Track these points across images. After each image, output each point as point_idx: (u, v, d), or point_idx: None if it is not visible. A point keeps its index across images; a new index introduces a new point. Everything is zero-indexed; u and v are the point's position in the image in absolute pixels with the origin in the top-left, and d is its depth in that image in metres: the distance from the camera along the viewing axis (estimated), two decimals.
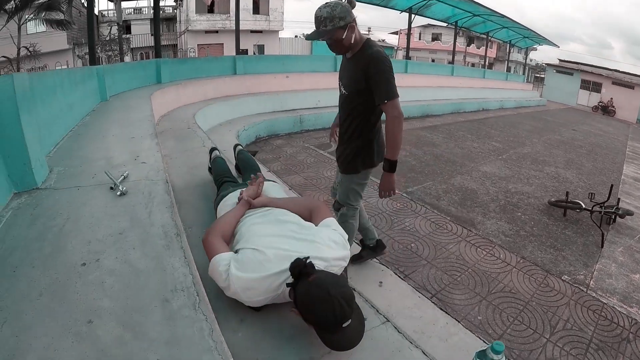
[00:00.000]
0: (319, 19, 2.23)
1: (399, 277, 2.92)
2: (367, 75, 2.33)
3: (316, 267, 1.58)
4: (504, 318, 3.03)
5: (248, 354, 1.47)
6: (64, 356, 1.08)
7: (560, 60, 32.70)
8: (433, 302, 2.76)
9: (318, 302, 1.42)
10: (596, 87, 29.06)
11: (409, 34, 16.20)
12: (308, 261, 1.54)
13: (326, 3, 2.24)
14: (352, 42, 2.33)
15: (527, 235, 4.64)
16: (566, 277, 3.76)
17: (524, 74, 30.21)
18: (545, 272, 3.78)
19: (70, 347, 1.11)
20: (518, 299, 3.29)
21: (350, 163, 2.68)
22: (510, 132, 11.97)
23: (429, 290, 3.26)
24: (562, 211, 5.47)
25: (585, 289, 3.59)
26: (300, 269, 1.51)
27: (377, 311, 1.87)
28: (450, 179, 6.58)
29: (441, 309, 2.64)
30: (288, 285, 1.56)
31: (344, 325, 1.43)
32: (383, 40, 44.09)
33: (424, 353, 1.65)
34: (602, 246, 4.56)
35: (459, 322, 2.55)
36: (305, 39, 2.54)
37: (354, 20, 2.28)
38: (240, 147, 3.58)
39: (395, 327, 1.78)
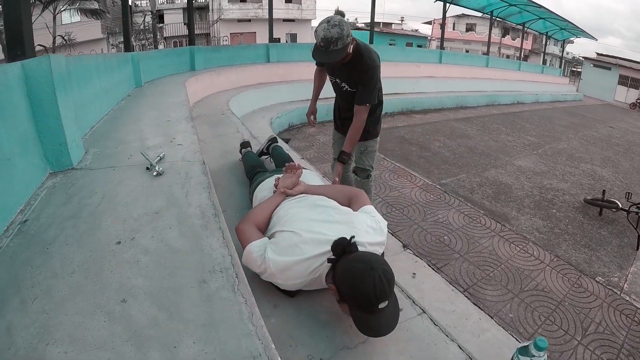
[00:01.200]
0: (329, 40, 2.31)
1: (433, 269, 2.87)
2: (362, 79, 2.66)
3: None
4: (535, 317, 2.96)
5: (281, 340, 1.44)
6: (95, 335, 1.05)
7: (598, 54, 31.57)
8: (466, 297, 2.70)
9: (359, 275, 1.38)
10: (635, 83, 27.79)
11: (443, 24, 15.95)
12: (353, 241, 1.51)
13: (330, 22, 2.30)
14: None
15: (561, 233, 4.52)
16: (600, 278, 3.64)
17: (560, 67, 29.27)
18: (579, 272, 3.67)
19: (102, 326, 1.09)
20: (550, 298, 3.20)
21: (371, 130, 2.97)
22: (546, 127, 11.66)
23: (461, 284, 3.21)
24: (598, 210, 5.30)
25: (619, 292, 3.47)
26: (344, 247, 1.49)
27: (414, 302, 1.82)
28: (484, 172, 6.47)
29: (474, 304, 2.58)
30: (329, 260, 1.53)
31: (381, 306, 1.38)
32: (416, 30, 43.44)
33: (460, 347, 1.61)
34: (637, 248, 4.41)
35: (491, 318, 2.48)
36: (315, 59, 2.54)
37: None
38: (275, 144, 3.52)
39: (432, 319, 1.73)
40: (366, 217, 1.83)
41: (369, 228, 1.76)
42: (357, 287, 1.38)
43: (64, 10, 19.65)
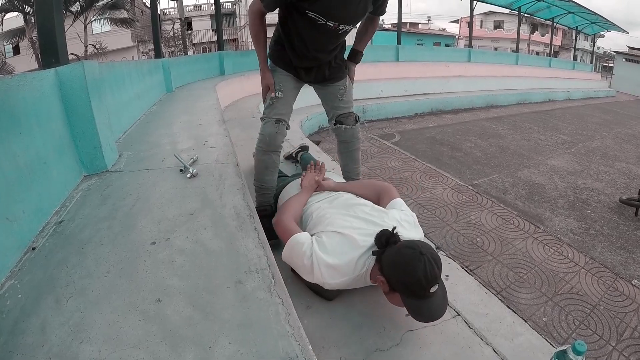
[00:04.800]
0: None
1: (466, 271, 2.82)
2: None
3: None
4: (569, 321, 2.86)
5: (313, 342, 1.42)
6: (129, 334, 1.06)
7: (630, 47, 30.57)
8: (499, 299, 2.65)
9: (410, 262, 1.40)
10: None
11: (471, 22, 15.82)
12: (395, 231, 1.53)
13: None
14: None
15: (596, 235, 4.38)
16: (636, 281, 3.49)
17: (591, 62, 28.59)
18: (614, 275, 3.52)
19: (137, 325, 1.09)
20: (585, 302, 3.09)
21: (342, 65, 2.47)
22: (579, 125, 11.37)
23: (494, 286, 3.13)
24: (634, 210, 5.11)
25: None
26: (388, 237, 1.50)
27: (448, 304, 1.79)
28: (517, 172, 6.34)
29: (508, 307, 2.53)
30: (374, 253, 1.54)
31: (432, 290, 1.40)
32: (443, 29, 43.07)
33: (495, 351, 1.58)
34: None
35: (525, 321, 2.43)
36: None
37: None
38: (305, 152, 3.55)
39: (466, 322, 1.72)
40: (399, 213, 1.83)
41: (404, 222, 1.76)
42: (409, 273, 1.40)
43: (95, 20, 20.21)
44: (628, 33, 25.57)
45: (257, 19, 2.16)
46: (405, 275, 1.41)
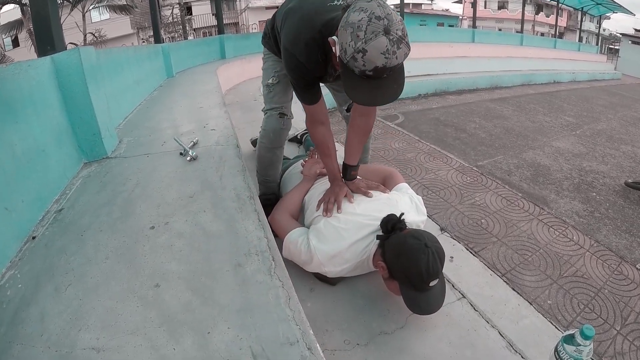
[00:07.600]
0: (394, 67, 1.27)
1: (470, 252, 2.80)
2: None
3: None
4: (574, 304, 2.84)
5: (317, 325, 1.43)
6: (127, 321, 1.05)
7: (636, 30, 30.18)
8: (504, 281, 2.63)
9: (413, 252, 1.37)
10: None
11: (475, 2, 15.63)
12: (402, 218, 1.50)
13: (391, 31, 1.21)
14: None
15: (601, 218, 4.33)
16: None
17: (597, 44, 28.20)
18: (619, 259, 3.48)
19: (135, 311, 1.08)
20: (590, 285, 3.06)
21: None
22: (584, 107, 11.23)
23: (499, 269, 3.11)
24: (639, 194, 5.07)
25: None
26: (394, 223, 1.48)
27: (453, 286, 1.78)
28: (522, 153, 6.28)
29: (513, 290, 2.51)
30: (379, 237, 1.52)
31: (432, 284, 1.38)
32: (447, 10, 42.65)
33: (501, 334, 1.55)
34: None
35: (530, 304, 2.41)
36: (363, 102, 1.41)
37: None
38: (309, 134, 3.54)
39: (472, 305, 1.69)
40: (404, 196, 1.81)
41: (406, 206, 1.74)
42: (411, 264, 1.37)
43: (93, 8, 20.09)
44: (634, 15, 25.24)
45: (315, 125, 1.85)
46: (407, 266, 1.38)
